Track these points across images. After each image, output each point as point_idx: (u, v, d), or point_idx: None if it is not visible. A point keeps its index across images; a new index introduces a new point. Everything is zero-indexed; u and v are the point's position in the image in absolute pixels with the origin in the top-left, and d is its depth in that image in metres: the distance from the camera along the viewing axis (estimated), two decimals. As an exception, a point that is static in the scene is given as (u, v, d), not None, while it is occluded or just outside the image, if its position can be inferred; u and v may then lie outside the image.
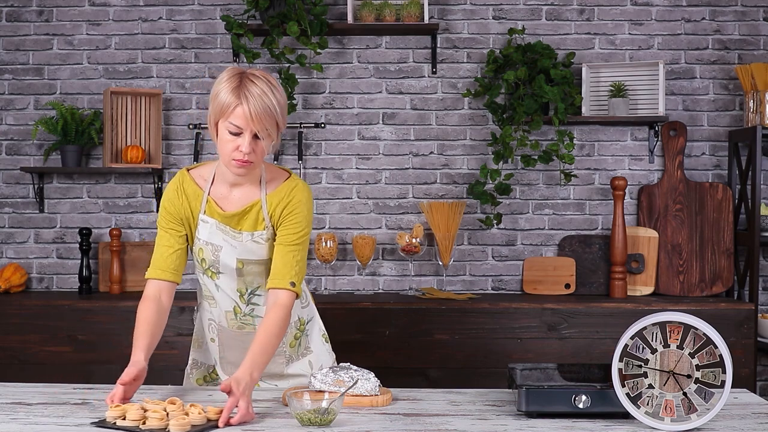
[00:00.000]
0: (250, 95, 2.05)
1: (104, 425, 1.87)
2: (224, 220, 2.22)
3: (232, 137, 2.08)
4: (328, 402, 1.90)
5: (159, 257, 2.25)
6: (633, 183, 4.05)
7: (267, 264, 2.24)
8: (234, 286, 2.27)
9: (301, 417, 1.88)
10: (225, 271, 2.26)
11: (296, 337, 2.39)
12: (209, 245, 2.23)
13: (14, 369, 3.60)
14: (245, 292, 2.29)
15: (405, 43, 4.06)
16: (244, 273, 2.25)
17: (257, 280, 2.27)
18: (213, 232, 2.22)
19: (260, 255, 2.24)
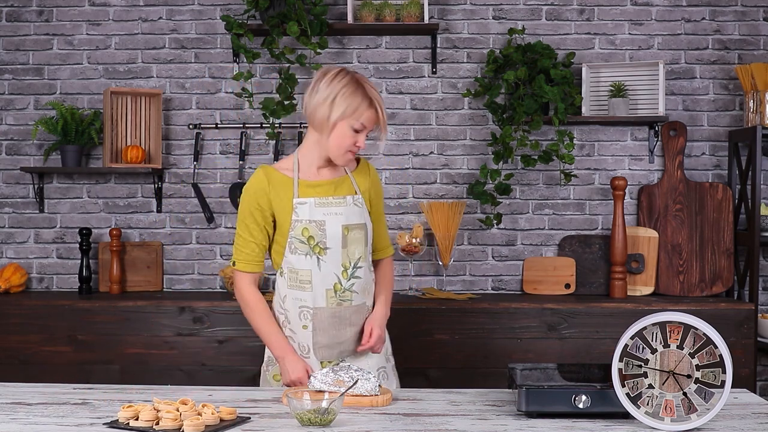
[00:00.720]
0: (380, 101, 2.38)
1: (117, 426, 1.87)
2: (322, 193, 2.42)
3: (352, 134, 2.36)
4: (328, 402, 1.91)
5: (251, 252, 2.44)
6: (633, 183, 4.05)
7: (365, 230, 2.46)
8: (339, 260, 2.41)
9: (301, 417, 1.88)
10: (332, 244, 2.40)
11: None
12: (313, 222, 2.39)
13: (14, 369, 3.60)
14: (349, 265, 2.43)
15: (405, 43, 4.06)
16: (348, 242, 2.42)
17: (359, 249, 2.44)
18: (313, 210, 2.39)
19: (361, 219, 2.45)
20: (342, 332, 2.43)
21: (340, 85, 2.34)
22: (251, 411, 2.04)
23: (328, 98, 2.34)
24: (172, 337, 3.63)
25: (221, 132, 4.08)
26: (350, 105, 2.33)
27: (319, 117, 2.36)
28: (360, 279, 2.44)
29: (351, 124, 2.34)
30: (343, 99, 2.33)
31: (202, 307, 3.66)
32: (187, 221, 4.10)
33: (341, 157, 2.39)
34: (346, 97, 2.33)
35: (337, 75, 2.36)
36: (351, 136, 2.36)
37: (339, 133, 2.35)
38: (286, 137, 4.07)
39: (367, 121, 2.35)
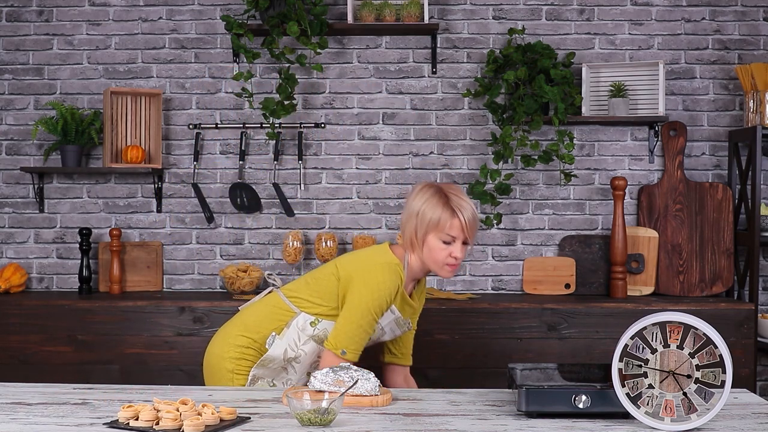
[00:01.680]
0: (463, 209, 2.37)
1: (117, 426, 1.87)
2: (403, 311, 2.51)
3: (444, 246, 2.39)
4: (328, 402, 1.91)
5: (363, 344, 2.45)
6: (633, 183, 4.05)
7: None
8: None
9: (301, 417, 1.88)
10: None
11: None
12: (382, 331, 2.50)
13: (14, 369, 3.60)
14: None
15: (405, 43, 4.06)
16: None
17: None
18: (390, 322, 2.49)
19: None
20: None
21: (425, 202, 2.39)
22: (251, 411, 2.04)
23: (413, 213, 2.41)
24: (172, 337, 3.63)
25: (221, 132, 4.08)
26: (437, 219, 2.37)
27: (408, 232, 2.43)
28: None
29: (440, 237, 2.38)
30: (427, 214, 2.38)
31: (202, 307, 3.65)
32: (187, 221, 4.10)
33: (441, 270, 2.43)
34: (433, 211, 2.37)
35: (422, 189, 2.42)
36: (443, 248, 2.39)
37: (431, 247, 2.40)
38: (286, 137, 4.07)
39: (454, 231, 2.37)
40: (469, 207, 2.38)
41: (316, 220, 4.07)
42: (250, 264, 4.02)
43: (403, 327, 2.53)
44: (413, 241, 2.42)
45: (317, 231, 4.04)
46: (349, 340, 2.39)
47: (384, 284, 2.39)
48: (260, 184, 4.06)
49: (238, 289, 3.89)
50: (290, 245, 3.92)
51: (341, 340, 2.38)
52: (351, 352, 2.39)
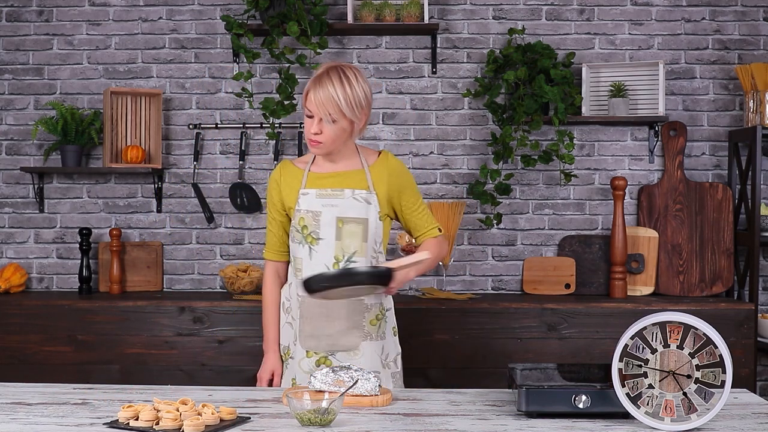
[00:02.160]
0: (320, 85, 2.37)
1: (117, 426, 1.87)
2: (326, 184, 2.47)
3: (307, 119, 2.41)
4: (328, 402, 1.91)
5: (273, 241, 2.58)
6: (633, 183, 4.05)
7: (365, 226, 2.45)
8: (331, 252, 2.45)
9: (301, 417, 1.88)
10: (324, 236, 2.45)
11: (377, 317, 2.51)
12: (309, 212, 2.46)
13: (14, 369, 3.60)
14: (342, 258, 2.45)
15: (405, 43, 4.06)
16: (342, 235, 2.44)
17: (354, 243, 2.45)
18: (312, 201, 2.46)
19: (358, 213, 2.45)
20: (330, 324, 2.44)
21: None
22: (251, 411, 2.04)
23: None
24: (172, 337, 3.63)
25: (221, 132, 4.08)
26: (305, 91, 2.41)
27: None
28: None
29: (305, 110, 2.42)
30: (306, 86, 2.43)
31: (202, 307, 3.65)
32: (187, 221, 4.10)
33: (308, 144, 2.44)
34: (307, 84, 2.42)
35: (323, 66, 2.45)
36: (307, 122, 2.43)
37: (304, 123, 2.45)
38: (286, 137, 4.07)
39: (308, 105, 2.39)
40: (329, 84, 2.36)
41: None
42: (250, 264, 4.02)
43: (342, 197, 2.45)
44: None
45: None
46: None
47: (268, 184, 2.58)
48: (260, 184, 4.06)
49: (238, 289, 3.89)
50: (290, 245, 3.91)
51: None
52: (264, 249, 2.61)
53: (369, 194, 2.47)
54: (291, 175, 2.53)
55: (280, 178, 2.53)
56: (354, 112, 2.40)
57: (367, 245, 2.46)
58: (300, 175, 2.51)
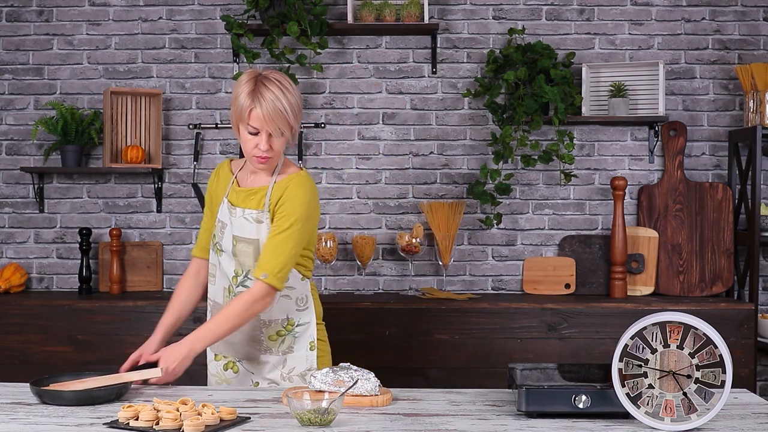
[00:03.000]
0: (264, 99, 2.24)
1: (117, 426, 1.87)
2: (234, 199, 2.42)
3: (251, 137, 2.29)
4: (328, 402, 1.91)
5: (201, 237, 2.58)
6: (633, 183, 4.05)
7: (255, 246, 2.37)
8: (232, 265, 2.42)
9: (301, 417, 1.88)
10: (225, 249, 2.43)
11: (279, 333, 2.47)
12: (220, 222, 2.45)
13: (14, 369, 3.60)
14: (240, 273, 2.42)
15: (405, 43, 4.06)
16: (237, 252, 2.40)
17: (248, 262, 2.39)
18: (224, 211, 2.44)
19: (249, 234, 2.37)
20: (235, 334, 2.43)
21: (239, 88, 2.28)
22: (251, 411, 2.04)
23: (232, 100, 2.31)
24: (172, 337, 3.63)
25: (221, 132, 4.08)
26: (241, 107, 2.26)
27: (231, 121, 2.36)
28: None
29: (245, 127, 2.29)
30: (237, 101, 2.28)
31: (203, 307, 3.64)
32: (187, 221, 4.10)
33: (252, 162, 2.34)
34: (240, 99, 2.27)
35: (244, 76, 2.31)
36: (250, 139, 2.29)
37: (242, 137, 2.32)
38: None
39: (255, 122, 2.26)
40: (273, 99, 2.23)
41: (316, 220, 4.07)
42: (250, 264, 4.01)
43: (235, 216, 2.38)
44: (234, 129, 2.35)
45: (317, 231, 4.04)
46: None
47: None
48: (260, 184, 4.05)
49: (238, 289, 3.89)
50: (290, 245, 3.91)
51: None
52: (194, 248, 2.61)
53: (260, 213, 2.35)
54: (223, 178, 2.50)
55: (216, 178, 2.51)
56: (297, 120, 2.31)
57: None
58: (228, 180, 2.47)
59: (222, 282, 2.46)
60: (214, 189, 2.51)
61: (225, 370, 2.55)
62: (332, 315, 3.62)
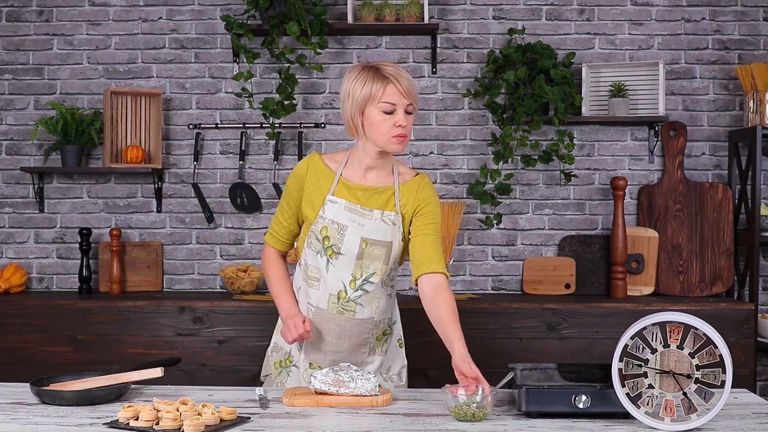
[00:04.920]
0: (399, 74, 2.25)
1: (117, 426, 1.87)
2: (354, 198, 2.33)
3: (385, 117, 2.25)
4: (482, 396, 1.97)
5: (281, 232, 2.46)
6: (633, 183, 4.05)
7: (388, 249, 2.34)
8: (350, 269, 2.35)
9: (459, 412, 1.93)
10: (346, 252, 2.33)
11: (384, 333, 2.48)
12: (335, 224, 2.33)
13: (14, 369, 3.60)
14: (359, 277, 2.35)
15: (405, 43, 4.06)
16: (364, 255, 2.33)
17: (374, 265, 2.34)
18: (340, 212, 2.33)
19: (384, 236, 2.33)
20: (339, 342, 2.39)
21: (356, 81, 2.26)
22: (251, 411, 2.04)
23: (346, 94, 2.29)
24: (172, 337, 3.63)
25: (221, 132, 4.08)
26: (369, 91, 2.24)
27: (345, 117, 2.31)
28: (367, 293, 2.37)
29: (378, 107, 2.24)
30: (359, 90, 2.25)
31: (202, 307, 3.66)
32: (187, 221, 4.10)
33: (390, 144, 2.27)
34: (364, 86, 2.25)
35: (351, 70, 2.30)
36: (384, 120, 2.25)
37: (372, 122, 2.26)
38: (286, 137, 4.07)
39: (392, 98, 2.23)
40: (403, 73, 2.25)
41: (316, 220, 4.07)
42: (250, 264, 4.02)
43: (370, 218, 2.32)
44: (352, 124, 2.29)
45: (317, 231, 4.04)
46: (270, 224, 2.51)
47: (291, 173, 2.41)
48: (260, 184, 4.06)
49: (238, 289, 3.89)
50: (290, 245, 3.91)
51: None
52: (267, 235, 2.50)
53: (396, 216, 2.34)
54: (320, 174, 2.36)
55: (306, 174, 2.37)
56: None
57: (387, 267, 2.37)
58: (330, 177, 2.35)
59: (331, 287, 2.36)
60: (310, 186, 2.36)
61: None
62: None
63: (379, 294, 2.40)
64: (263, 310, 3.63)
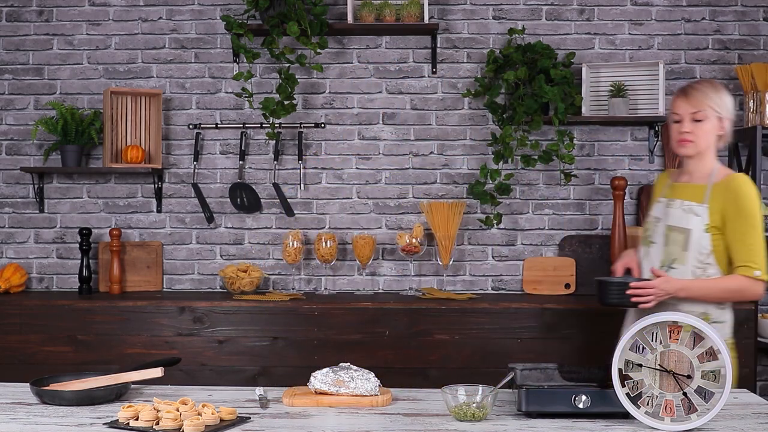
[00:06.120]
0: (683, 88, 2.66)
1: (117, 426, 1.87)
2: (671, 195, 2.70)
3: (675, 125, 2.64)
4: (482, 396, 1.96)
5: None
6: (633, 183, 4.05)
7: (686, 235, 2.58)
8: (659, 256, 2.67)
9: (459, 412, 1.93)
10: (656, 240, 2.70)
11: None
12: (653, 218, 2.74)
13: (14, 369, 3.60)
14: (666, 262, 2.64)
15: (405, 43, 4.06)
16: (668, 242, 2.64)
17: (676, 251, 2.61)
18: (658, 208, 2.74)
19: (682, 223, 2.60)
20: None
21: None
22: (251, 411, 2.04)
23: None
24: (172, 337, 3.63)
25: (221, 132, 4.08)
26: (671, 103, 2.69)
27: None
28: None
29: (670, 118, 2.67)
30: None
31: (202, 307, 3.66)
32: (187, 221, 4.10)
33: (676, 148, 2.65)
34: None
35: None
36: (674, 128, 2.64)
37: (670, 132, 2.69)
38: (286, 137, 4.07)
39: (677, 109, 2.63)
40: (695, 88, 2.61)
41: (316, 220, 4.07)
42: (250, 264, 4.02)
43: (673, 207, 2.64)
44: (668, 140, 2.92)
45: (317, 231, 4.04)
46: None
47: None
48: (260, 184, 4.06)
49: (238, 289, 3.89)
50: (290, 245, 3.92)
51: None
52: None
53: (699, 206, 2.59)
54: (661, 183, 2.83)
55: (655, 187, 2.86)
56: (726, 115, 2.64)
57: (688, 254, 2.58)
58: (664, 185, 2.80)
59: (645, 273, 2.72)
60: (653, 195, 2.83)
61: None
62: (332, 315, 3.63)
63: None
64: (263, 310, 3.63)
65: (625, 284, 2.56)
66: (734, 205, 2.53)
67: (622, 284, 2.57)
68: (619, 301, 2.58)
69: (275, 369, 3.61)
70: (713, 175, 2.61)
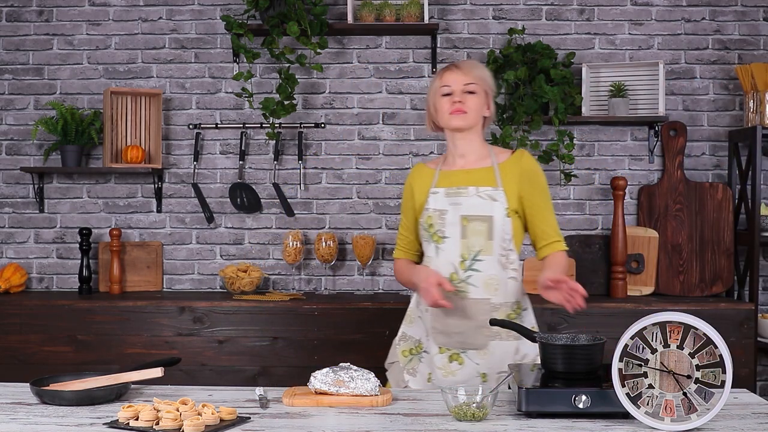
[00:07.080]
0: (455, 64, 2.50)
1: (117, 426, 1.87)
2: (452, 183, 2.48)
3: (446, 98, 2.47)
4: (482, 396, 1.94)
5: (403, 243, 2.64)
6: (633, 183, 4.05)
7: (489, 223, 2.42)
8: (457, 250, 2.44)
9: (459, 412, 1.92)
10: (450, 234, 2.45)
11: (509, 317, 2.46)
12: (437, 211, 2.48)
13: (14, 369, 3.60)
14: (468, 257, 2.43)
15: (405, 43, 4.06)
16: (467, 233, 2.43)
17: (479, 242, 2.42)
18: (440, 200, 2.48)
19: (483, 211, 2.42)
20: (459, 323, 2.43)
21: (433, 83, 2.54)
22: (251, 411, 2.04)
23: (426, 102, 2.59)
24: (172, 337, 3.64)
25: (221, 132, 4.08)
26: (434, 84, 2.52)
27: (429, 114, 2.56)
28: (480, 273, 2.42)
29: (440, 92, 2.48)
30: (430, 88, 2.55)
31: (202, 307, 3.66)
32: (187, 221, 4.10)
33: (449, 121, 2.47)
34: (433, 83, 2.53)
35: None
36: (445, 101, 2.47)
37: (439, 109, 2.50)
38: (286, 137, 4.07)
39: (446, 81, 2.47)
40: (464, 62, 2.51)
41: (316, 220, 4.07)
42: (250, 264, 4.02)
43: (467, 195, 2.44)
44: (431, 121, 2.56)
45: (317, 231, 4.04)
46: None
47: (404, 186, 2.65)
48: (260, 184, 4.06)
49: (238, 289, 3.89)
50: (290, 245, 3.92)
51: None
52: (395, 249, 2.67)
53: (495, 191, 2.44)
54: (424, 175, 2.57)
55: (413, 180, 2.58)
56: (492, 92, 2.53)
57: (494, 243, 2.42)
58: (432, 173, 2.55)
59: (443, 271, 2.43)
60: (416, 188, 2.56)
61: (450, 362, 2.47)
62: (332, 315, 3.63)
63: (497, 276, 2.43)
64: (263, 310, 3.63)
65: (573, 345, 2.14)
66: (531, 183, 2.46)
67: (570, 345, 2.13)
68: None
69: (275, 369, 3.61)
70: (493, 156, 2.50)
